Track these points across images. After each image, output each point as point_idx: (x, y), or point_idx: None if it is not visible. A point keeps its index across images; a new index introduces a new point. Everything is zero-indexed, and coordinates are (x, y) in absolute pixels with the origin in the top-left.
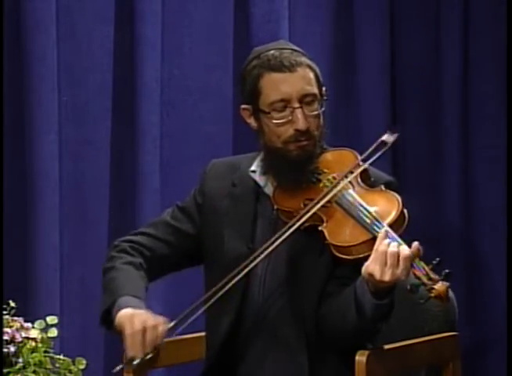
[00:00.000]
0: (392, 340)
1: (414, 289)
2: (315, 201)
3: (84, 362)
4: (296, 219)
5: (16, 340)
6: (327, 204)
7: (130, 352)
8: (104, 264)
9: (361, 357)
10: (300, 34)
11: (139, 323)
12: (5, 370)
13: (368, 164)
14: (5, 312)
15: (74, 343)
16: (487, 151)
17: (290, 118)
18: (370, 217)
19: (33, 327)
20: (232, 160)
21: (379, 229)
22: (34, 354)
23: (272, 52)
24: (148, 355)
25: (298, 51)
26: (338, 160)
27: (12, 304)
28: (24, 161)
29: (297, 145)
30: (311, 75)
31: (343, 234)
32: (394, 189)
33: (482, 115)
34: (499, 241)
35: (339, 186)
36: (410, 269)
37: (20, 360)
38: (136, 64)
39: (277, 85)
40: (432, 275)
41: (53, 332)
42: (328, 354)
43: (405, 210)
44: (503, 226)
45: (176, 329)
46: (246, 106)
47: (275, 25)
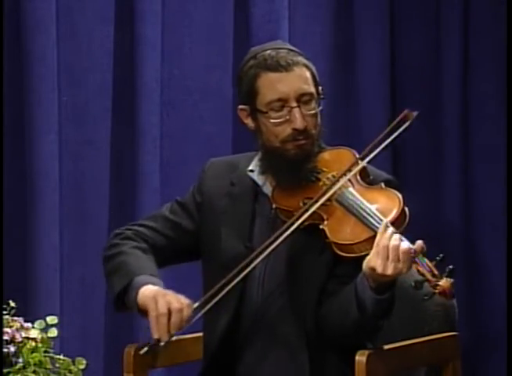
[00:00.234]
0: (392, 340)
1: (418, 285)
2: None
3: (84, 362)
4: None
5: (16, 340)
6: (327, 203)
7: (155, 335)
8: (106, 252)
9: (361, 357)
10: (300, 34)
11: (164, 305)
12: (5, 370)
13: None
14: (5, 312)
15: (74, 343)
16: (487, 151)
17: (288, 118)
18: (372, 214)
19: (33, 327)
20: (230, 159)
21: (380, 225)
22: (34, 354)
23: (269, 52)
24: (173, 336)
25: (295, 50)
26: (336, 158)
27: (12, 304)
28: (24, 161)
29: (295, 144)
30: (307, 74)
31: (344, 232)
32: (394, 187)
33: (482, 115)
34: (499, 241)
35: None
36: (412, 263)
37: (20, 360)
38: (136, 64)
39: (274, 85)
40: (436, 271)
41: (53, 332)
42: (328, 353)
43: (406, 208)
44: (503, 226)
45: (200, 310)
46: (243, 106)
47: (275, 25)
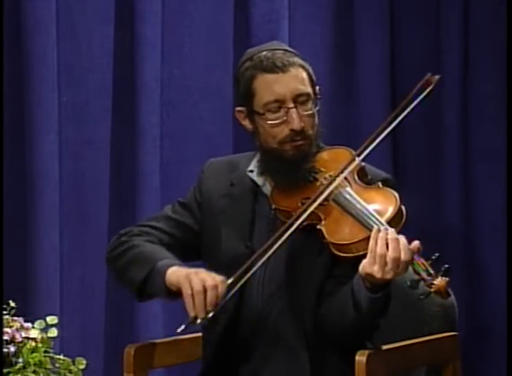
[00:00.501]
0: (392, 340)
1: (414, 285)
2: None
3: (84, 362)
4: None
5: (16, 340)
6: (324, 202)
7: (192, 313)
8: (113, 251)
9: (361, 357)
10: (300, 34)
11: (199, 282)
12: (5, 370)
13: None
14: (5, 312)
15: (74, 343)
16: (487, 151)
17: (285, 118)
18: (368, 214)
19: (33, 327)
20: (230, 159)
21: (377, 226)
22: (34, 354)
23: (265, 53)
24: (210, 313)
25: (291, 51)
26: (335, 158)
27: (12, 304)
28: (24, 161)
29: (293, 145)
30: (304, 75)
31: (341, 232)
32: (391, 186)
33: (482, 115)
34: (499, 241)
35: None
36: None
37: (20, 360)
38: (136, 64)
39: (270, 86)
40: (431, 270)
41: (53, 332)
42: (328, 353)
43: (403, 207)
44: (503, 226)
45: (234, 287)
46: (240, 108)
47: (275, 25)
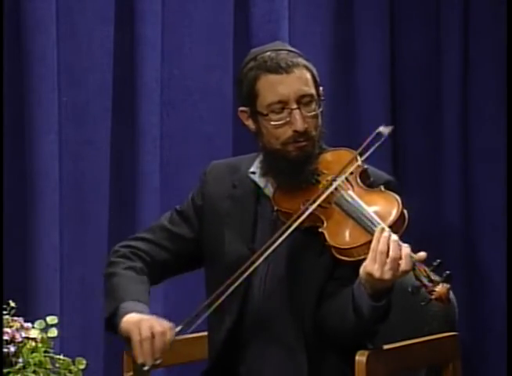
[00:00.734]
0: (392, 340)
1: (415, 291)
2: (312, 201)
3: (84, 362)
4: (293, 220)
5: (16, 340)
6: (326, 205)
7: (140, 359)
8: (105, 270)
9: (361, 357)
10: (300, 34)
11: (147, 329)
12: (5, 370)
13: (364, 162)
14: (5, 312)
15: (74, 343)
16: (487, 151)
17: (288, 119)
18: (370, 218)
19: (33, 327)
20: (231, 161)
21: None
22: (34, 354)
23: (269, 54)
24: (157, 360)
25: (294, 52)
26: (337, 160)
27: (12, 304)
28: (24, 161)
29: (296, 146)
30: (307, 76)
31: (343, 236)
32: (393, 188)
33: (482, 115)
34: (499, 241)
35: (335, 184)
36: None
37: (20, 360)
38: (136, 64)
39: (274, 87)
40: (433, 277)
41: (53, 332)
42: (328, 353)
43: (405, 210)
44: (503, 226)
45: (182, 332)
46: (244, 108)
47: (275, 25)
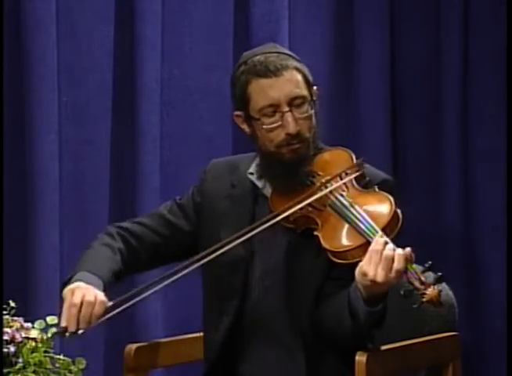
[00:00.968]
0: (392, 340)
1: (407, 294)
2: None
3: (84, 362)
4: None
5: (16, 340)
6: (321, 208)
7: (63, 323)
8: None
9: (361, 357)
10: (300, 34)
11: (79, 296)
12: (5, 370)
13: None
14: (5, 312)
15: (74, 343)
16: (487, 151)
17: (281, 123)
18: (363, 221)
19: (33, 327)
20: (231, 160)
21: (372, 232)
22: (34, 354)
23: (258, 58)
24: (80, 330)
25: (285, 53)
26: (333, 161)
27: (12, 304)
28: (24, 161)
29: (290, 148)
30: (298, 77)
31: (337, 239)
32: (389, 188)
33: (482, 115)
34: (499, 241)
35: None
36: (402, 273)
37: (20, 360)
38: (136, 64)
39: (265, 91)
40: (424, 279)
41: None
42: (326, 353)
43: (398, 211)
44: (503, 226)
45: (114, 310)
46: (238, 112)
47: (275, 25)
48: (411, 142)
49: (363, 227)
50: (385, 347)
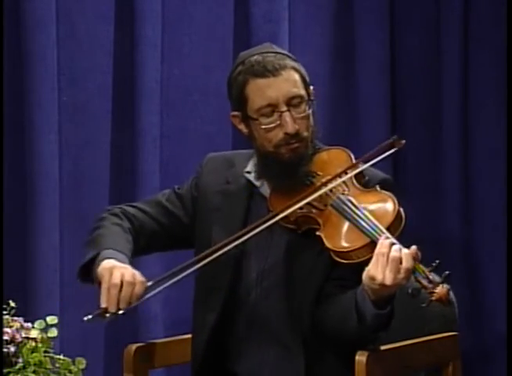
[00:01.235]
0: (392, 340)
1: (415, 293)
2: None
3: (84, 362)
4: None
5: (16, 340)
6: (323, 208)
7: (103, 304)
8: (93, 224)
9: (361, 357)
10: (300, 35)
11: (118, 276)
12: (5, 370)
13: (358, 162)
14: (5, 312)
15: (74, 343)
16: (487, 151)
17: (279, 122)
18: (367, 220)
19: (33, 327)
20: (227, 155)
21: (376, 232)
22: (34, 354)
23: (255, 58)
24: (121, 310)
25: (282, 53)
26: (332, 161)
27: (12, 304)
28: (24, 161)
29: (288, 148)
30: (296, 77)
31: (340, 239)
32: (389, 187)
33: (482, 115)
34: (499, 241)
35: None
36: (411, 273)
37: (20, 360)
38: (136, 64)
39: (262, 91)
40: (432, 278)
41: (53, 332)
42: (325, 353)
43: (401, 210)
44: (503, 226)
45: (153, 290)
46: (235, 113)
47: (275, 25)
48: (411, 142)
49: (367, 227)
50: (385, 347)
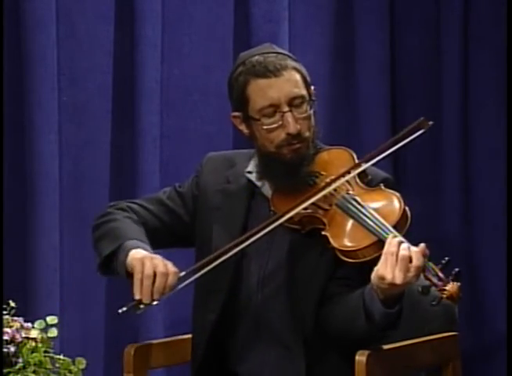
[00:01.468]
0: (392, 340)
1: (425, 291)
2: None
3: (84, 362)
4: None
5: (16, 340)
6: (327, 207)
7: (137, 295)
8: (97, 220)
9: (361, 357)
10: (300, 35)
11: (150, 267)
12: (5, 370)
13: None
14: (5, 312)
15: (74, 343)
16: (487, 151)
17: (281, 123)
18: (373, 218)
19: (33, 327)
20: (228, 155)
21: (383, 230)
22: (34, 354)
23: (257, 58)
24: (155, 301)
25: (283, 54)
26: (334, 161)
27: (12, 304)
28: (24, 161)
29: (290, 148)
30: (297, 77)
31: (346, 238)
32: (391, 186)
33: (482, 115)
34: (499, 241)
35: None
36: (421, 270)
37: (20, 360)
38: (136, 64)
39: (264, 91)
40: (442, 275)
41: (53, 332)
42: (327, 354)
43: (407, 208)
44: (503, 226)
45: (185, 280)
46: (236, 113)
47: (275, 25)
48: (411, 142)
49: (374, 225)
50: (385, 347)
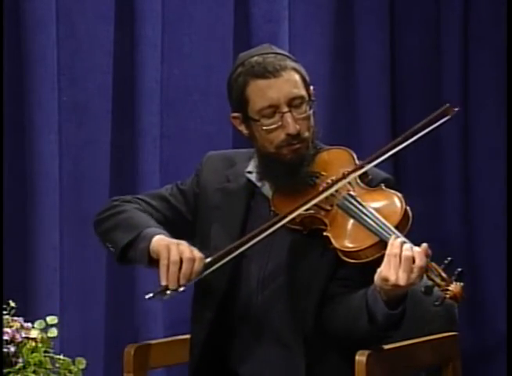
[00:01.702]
0: (392, 340)
1: (428, 291)
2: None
3: (84, 362)
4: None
5: (16, 340)
6: (329, 208)
7: (164, 282)
8: (102, 214)
9: (361, 357)
10: (300, 35)
11: (176, 253)
12: (5, 370)
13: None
14: (5, 312)
15: (74, 343)
16: (487, 151)
17: (280, 123)
18: (374, 219)
19: (33, 327)
20: (228, 154)
21: (384, 230)
22: (34, 354)
23: (256, 59)
24: (181, 287)
25: (282, 54)
26: (334, 161)
27: (12, 304)
28: (24, 161)
29: (290, 149)
30: (296, 78)
31: (349, 238)
32: (392, 186)
33: (482, 115)
34: (500, 241)
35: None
36: (424, 270)
37: (20, 360)
38: (136, 64)
39: (264, 92)
40: (445, 275)
41: (53, 332)
42: (327, 354)
43: (408, 208)
44: (503, 226)
45: (211, 266)
46: (235, 114)
47: (275, 25)
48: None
49: (375, 225)
50: (385, 347)
